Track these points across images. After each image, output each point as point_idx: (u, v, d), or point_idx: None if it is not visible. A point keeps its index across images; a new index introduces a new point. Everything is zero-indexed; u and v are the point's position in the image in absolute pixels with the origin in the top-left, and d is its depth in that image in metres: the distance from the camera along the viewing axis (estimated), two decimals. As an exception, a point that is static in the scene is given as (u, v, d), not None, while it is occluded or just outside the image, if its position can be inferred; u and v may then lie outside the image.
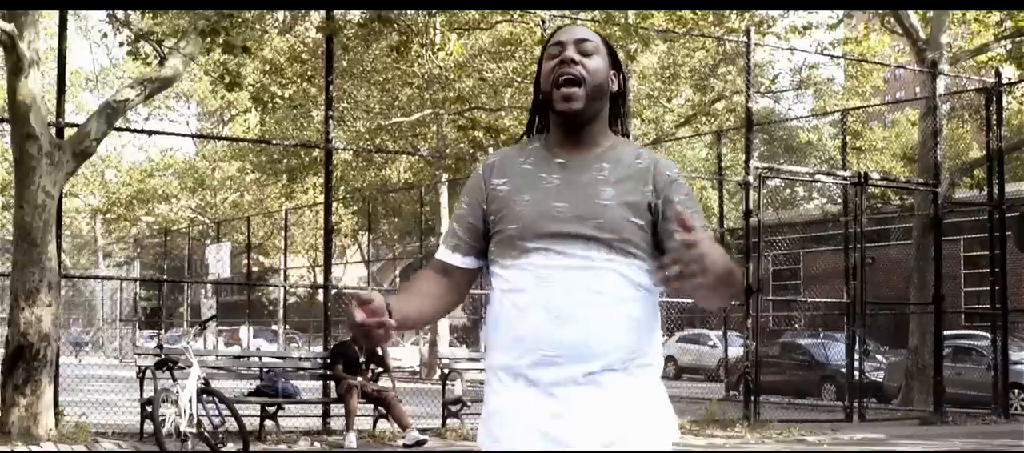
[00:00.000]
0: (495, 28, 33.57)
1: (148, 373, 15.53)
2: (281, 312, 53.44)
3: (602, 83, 3.64)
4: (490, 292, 3.67)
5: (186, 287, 61.81)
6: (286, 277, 52.56)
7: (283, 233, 47.83)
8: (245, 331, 50.64)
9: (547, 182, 3.62)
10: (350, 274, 64.04)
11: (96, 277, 58.85)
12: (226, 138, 41.11)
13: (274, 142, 30.67)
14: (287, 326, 53.47)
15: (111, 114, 15.15)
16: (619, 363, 3.48)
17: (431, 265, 3.76)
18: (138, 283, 57.57)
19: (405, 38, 18.98)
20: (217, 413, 14.39)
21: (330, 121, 18.82)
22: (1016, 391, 27.33)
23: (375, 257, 57.70)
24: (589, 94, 3.59)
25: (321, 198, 44.81)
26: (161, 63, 15.52)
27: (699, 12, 27.07)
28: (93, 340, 62.14)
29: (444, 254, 3.73)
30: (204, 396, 14.32)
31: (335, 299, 20.94)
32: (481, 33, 33.25)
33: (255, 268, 58.19)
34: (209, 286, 54.05)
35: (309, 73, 33.66)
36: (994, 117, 25.39)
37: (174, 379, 14.35)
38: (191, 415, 13.86)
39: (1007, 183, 41.64)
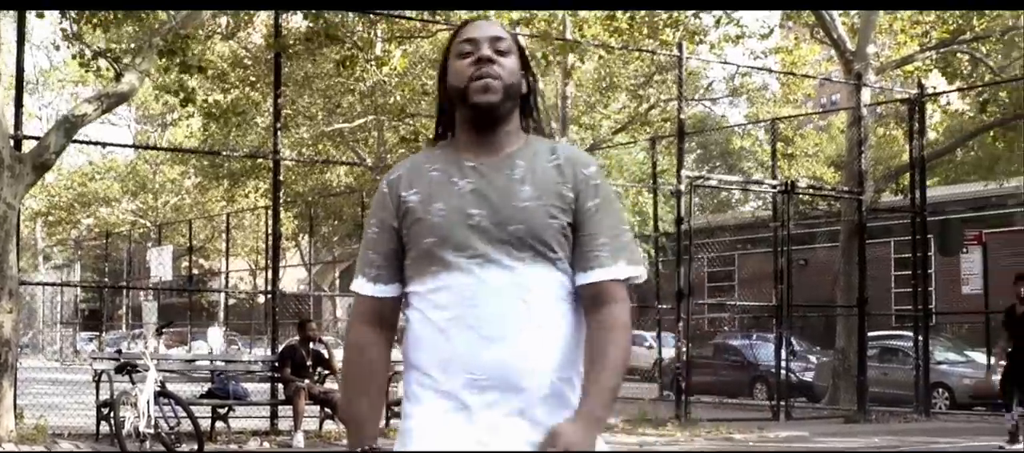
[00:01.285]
0: (436, 36, 34.24)
1: (103, 376, 16.19)
2: (222, 315, 53.91)
3: (516, 83, 3.51)
4: (407, 309, 3.52)
5: (126, 290, 62.04)
6: (228, 280, 53.04)
7: (225, 236, 48.35)
8: (214, 333, 50.97)
9: (459, 187, 3.44)
10: (290, 276, 64.50)
11: (53, 284, 58.93)
12: (180, 149, 41.50)
13: (224, 153, 31.11)
14: (227, 328, 53.90)
15: (70, 128, 15.79)
16: (549, 387, 3.34)
17: (361, 313, 3.54)
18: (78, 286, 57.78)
19: (351, 53, 19.64)
20: (173, 415, 15.09)
21: (278, 133, 19.54)
22: (940, 390, 28.32)
23: (315, 260, 58.14)
24: (505, 91, 3.45)
25: (263, 202, 45.61)
26: (118, 78, 16.15)
27: (635, 24, 27.84)
28: (32, 343, 62.21)
29: (367, 288, 3.53)
30: (161, 398, 15.01)
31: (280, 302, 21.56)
32: (422, 41, 33.89)
33: (195, 271, 58.60)
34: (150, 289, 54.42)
35: (252, 78, 34.08)
36: (917, 127, 26.37)
37: (133, 382, 15.01)
38: (149, 417, 14.55)
39: (939, 187, 42.88)
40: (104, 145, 22.68)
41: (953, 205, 42.79)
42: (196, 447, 15.03)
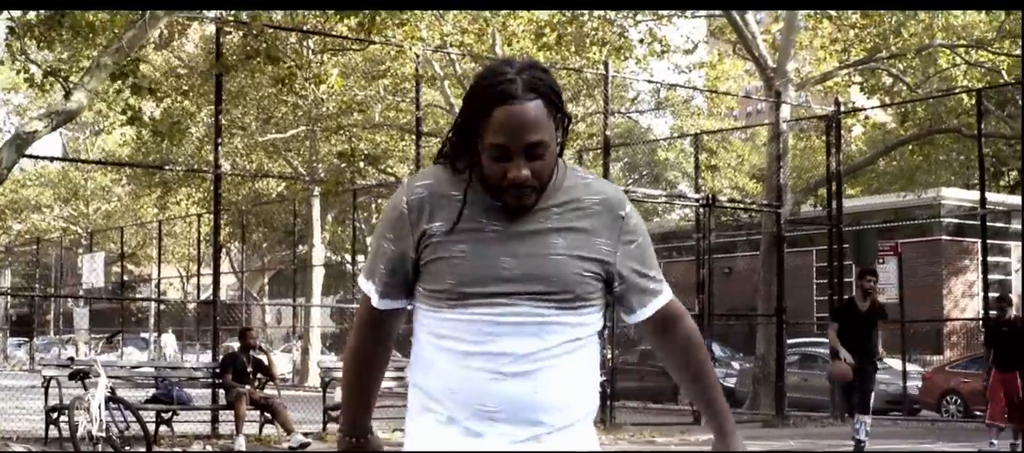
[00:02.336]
0: (367, 48, 34.82)
1: (52, 382, 16.92)
2: (153, 321, 54.26)
3: (553, 170, 3.34)
4: (418, 330, 3.44)
5: (55, 297, 62.17)
6: (160, 287, 53.42)
7: (156, 243, 48.76)
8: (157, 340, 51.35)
9: (488, 230, 3.30)
10: (220, 283, 64.79)
11: (4, 293, 58.90)
12: (124, 163, 41.73)
13: (167, 167, 31.63)
14: (159, 333, 54.23)
15: (21, 144, 16.45)
16: (562, 422, 3.33)
17: (368, 321, 3.50)
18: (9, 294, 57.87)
19: (290, 71, 20.38)
20: (123, 419, 15.80)
21: (219, 148, 20.27)
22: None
23: (246, 266, 58.56)
24: (541, 190, 3.31)
25: (194, 209, 46.09)
26: (67, 96, 16.80)
27: (563, 41, 28.72)
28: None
29: (374, 299, 3.46)
30: (111, 403, 15.70)
31: (206, 307, 22.24)
32: (354, 53, 34.50)
33: (126, 277, 58.83)
34: (81, 294, 54.64)
35: (185, 88, 34.45)
36: (834, 142, 27.43)
37: (86, 388, 15.69)
38: (101, 421, 15.23)
39: (862, 197, 43.96)
40: (53, 160, 23.10)
41: (871, 216, 43.97)
42: (144, 450, 15.73)
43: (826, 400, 27.09)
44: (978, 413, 25.21)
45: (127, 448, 15.77)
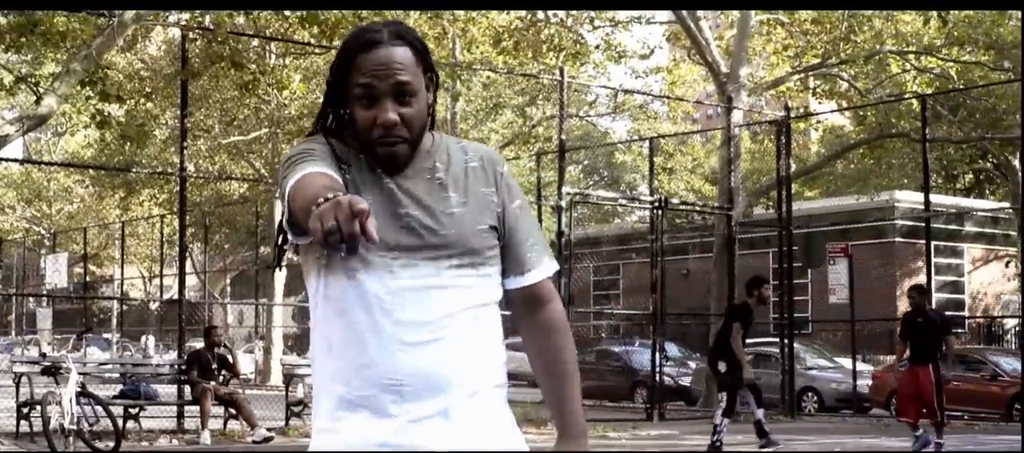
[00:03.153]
0: (330, 52, 35.18)
1: (23, 379, 17.53)
2: (115, 321, 54.60)
3: (424, 123, 3.25)
4: (315, 311, 3.28)
5: (16, 296, 62.38)
6: (123, 287, 53.77)
7: (119, 244, 49.12)
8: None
9: (386, 183, 3.22)
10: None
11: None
12: (92, 165, 42.06)
13: (134, 170, 32.07)
14: (121, 334, 54.56)
15: (-8, 147, 17.01)
16: (469, 393, 3.20)
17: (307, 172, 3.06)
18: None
19: (253, 76, 20.95)
20: (93, 414, 16.39)
21: (185, 152, 20.86)
22: (810, 394, 30.00)
23: (209, 267, 58.84)
24: (412, 142, 3.21)
25: (157, 210, 46.50)
26: (37, 102, 17.32)
27: (520, 47, 29.32)
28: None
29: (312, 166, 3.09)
30: (82, 398, 16.28)
31: (170, 306, 22.86)
32: (317, 57, 34.91)
33: (88, 278, 59.13)
34: (44, 294, 54.91)
35: (148, 90, 34.74)
36: (784, 146, 28.14)
37: (57, 383, 16.25)
38: (72, 415, 15.81)
39: (818, 199, 44.56)
40: (23, 162, 23.62)
41: (824, 218, 44.69)
42: (113, 444, 16.29)
43: (778, 398, 27.76)
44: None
45: (96, 442, 16.32)
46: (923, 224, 42.00)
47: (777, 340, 30.86)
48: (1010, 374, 26.72)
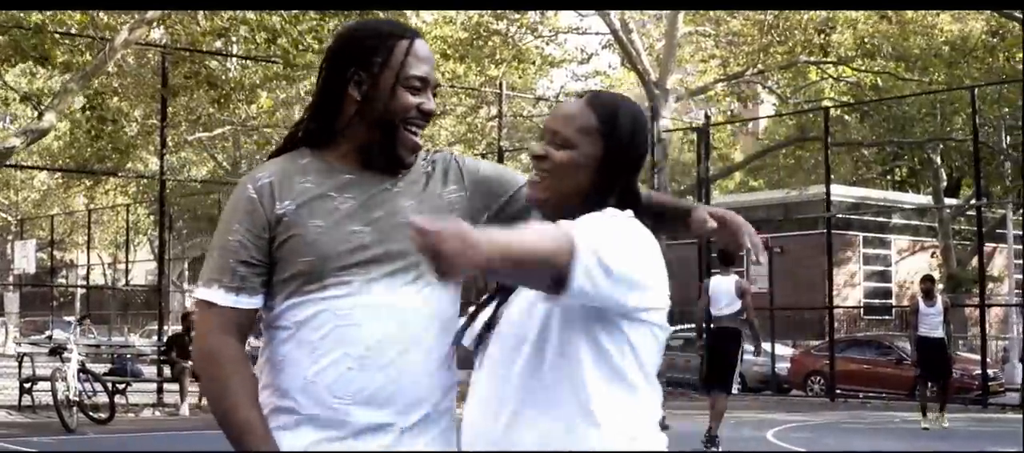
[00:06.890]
0: (293, 68, 37.02)
1: (28, 358, 20.38)
2: (78, 305, 56.49)
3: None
4: (268, 329, 3.19)
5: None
6: (89, 273, 55.72)
7: (86, 231, 51.09)
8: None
9: (339, 202, 3.13)
10: (139, 269, 67.20)
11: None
12: (78, 170, 43.92)
13: (120, 174, 34.25)
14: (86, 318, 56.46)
15: (-1, 159, 19.57)
16: (424, 413, 3.14)
17: (221, 324, 3.08)
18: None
19: (226, 94, 23.44)
20: (91, 389, 19.18)
21: (164, 157, 23.46)
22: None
23: (169, 253, 60.26)
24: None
25: (121, 199, 48.49)
26: (39, 117, 19.87)
27: (467, 62, 31.74)
28: None
29: (228, 299, 3.09)
30: (81, 375, 19.00)
31: (132, 292, 25.49)
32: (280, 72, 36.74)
33: (53, 264, 60.88)
34: (10, 280, 56.71)
35: (116, 87, 36.53)
36: (703, 150, 30.79)
37: (62, 361, 18.95)
38: (75, 389, 18.52)
39: (755, 192, 46.65)
40: (22, 168, 26.06)
41: (754, 211, 47.03)
42: (107, 415, 19.08)
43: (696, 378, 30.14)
44: (838, 391, 28.48)
45: (93, 413, 19.04)
46: (853, 217, 44.93)
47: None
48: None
